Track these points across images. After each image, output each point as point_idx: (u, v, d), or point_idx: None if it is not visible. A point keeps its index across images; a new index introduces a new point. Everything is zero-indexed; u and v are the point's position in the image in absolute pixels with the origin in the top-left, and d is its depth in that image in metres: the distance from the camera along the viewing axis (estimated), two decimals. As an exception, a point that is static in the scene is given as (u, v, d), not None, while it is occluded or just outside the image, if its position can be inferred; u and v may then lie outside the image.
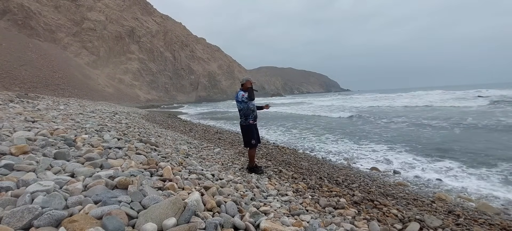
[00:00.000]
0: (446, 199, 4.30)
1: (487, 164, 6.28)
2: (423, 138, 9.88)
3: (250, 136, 4.65)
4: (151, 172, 2.85)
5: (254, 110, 4.70)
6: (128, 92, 62.41)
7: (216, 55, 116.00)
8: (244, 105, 4.60)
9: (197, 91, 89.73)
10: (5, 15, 52.85)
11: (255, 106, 4.75)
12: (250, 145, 4.69)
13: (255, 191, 3.47)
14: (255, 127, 4.73)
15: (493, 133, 10.13)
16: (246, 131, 4.70)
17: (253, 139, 4.64)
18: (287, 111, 26.34)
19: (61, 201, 1.69)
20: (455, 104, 22.91)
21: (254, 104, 4.71)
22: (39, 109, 8.04)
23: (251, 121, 4.66)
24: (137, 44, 78.49)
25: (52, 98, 18.21)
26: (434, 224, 3.10)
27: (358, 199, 3.81)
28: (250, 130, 4.67)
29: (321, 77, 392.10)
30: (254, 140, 4.65)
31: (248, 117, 4.65)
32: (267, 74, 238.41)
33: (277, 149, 8.20)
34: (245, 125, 4.69)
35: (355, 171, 6.03)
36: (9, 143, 2.81)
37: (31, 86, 33.16)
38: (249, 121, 4.66)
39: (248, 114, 4.64)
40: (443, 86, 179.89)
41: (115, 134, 5.00)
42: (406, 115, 17.09)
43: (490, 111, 16.97)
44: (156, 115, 21.00)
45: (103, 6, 75.50)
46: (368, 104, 29.47)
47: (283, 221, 2.42)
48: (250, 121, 4.66)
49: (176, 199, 1.83)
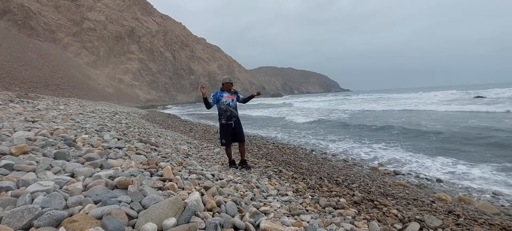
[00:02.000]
0: (446, 199, 4.30)
1: (487, 163, 6.28)
2: (422, 138, 9.88)
3: (221, 135, 4.82)
4: (151, 172, 2.85)
5: (227, 111, 4.70)
6: (128, 92, 62.43)
7: (216, 55, 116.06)
8: (217, 104, 4.74)
9: (197, 91, 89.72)
10: (5, 15, 52.88)
11: (229, 107, 4.72)
12: (221, 143, 4.85)
13: (255, 191, 3.47)
14: (229, 126, 4.76)
15: (493, 133, 10.12)
16: (220, 129, 4.88)
17: (223, 139, 4.78)
18: (254, 114, 24.81)
19: (61, 201, 1.69)
20: (456, 104, 22.76)
21: (228, 105, 4.70)
22: (39, 109, 8.04)
23: (223, 121, 4.75)
24: (137, 44, 78.53)
25: (52, 98, 18.21)
26: (434, 224, 3.10)
27: (358, 199, 3.81)
28: (222, 129, 4.82)
29: (321, 77, 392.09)
30: (224, 139, 4.77)
31: (221, 116, 4.76)
32: (267, 74, 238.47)
33: (277, 149, 8.21)
34: (219, 124, 4.86)
35: (355, 171, 6.03)
36: (9, 143, 2.81)
37: (31, 86, 33.17)
38: (222, 120, 4.77)
39: (220, 114, 4.76)
40: (443, 87, 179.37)
41: (115, 134, 5.00)
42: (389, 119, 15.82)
43: (492, 112, 16.97)
44: (156, 115, 21.01)
45: (103, 6, 75.54)
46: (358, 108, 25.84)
47: (283, 221, 2.42)
48: (223, 120, 4.75)
49: (176, 199, 1.83)
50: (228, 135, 4.76)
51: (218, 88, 4.90)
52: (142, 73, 74.06)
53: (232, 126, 4.76)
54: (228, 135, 4.76)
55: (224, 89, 4.76)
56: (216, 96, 4.71)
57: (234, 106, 4.77)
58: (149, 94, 69.74)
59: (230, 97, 4.74)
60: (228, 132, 4.76)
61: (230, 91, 4.78)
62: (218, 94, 4.73)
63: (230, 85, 4.78)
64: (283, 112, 26.26)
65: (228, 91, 4.76)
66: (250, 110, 30.97)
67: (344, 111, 23.53)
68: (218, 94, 4.72)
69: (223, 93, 4.72)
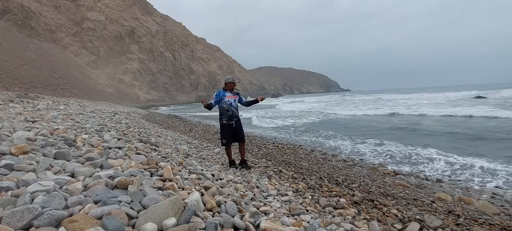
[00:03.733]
0: (446, 199, 4.30)
1: (487, 163, 6.28)
2: (422, 138, 9.88)
3: (222, 135, 4.81)
4: (151, 172, 2.85)
5: (229, 111, 4.68)
6: (128, 92, 62.40)
7: (216, 55, 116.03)
8: (219, 104, 4.70)
9: (197, 92, 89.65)
10: (5, 15, 52.85)
11: (231, 107, 4.69)
12: (222, 143, 4.83)
13: (255, 191, 3.46)
14: (230, 126, 4.73)
15: (492, 134, 10.12)
16: (221, 129, 4.86)
17: (223, 139, 4.77)
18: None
19: (61, 201, 1.69)
20: (457, 105, 22.64)
21: (230, 104, 4.68)
22: (39, 109, 8.04)
23: (225, 121, 4.72)
24: (137, 44, 78.48)
25: (52, 98, 18.21)
26: (434, 224, 3.10)
27: (358, 199, 3.81)
28: (223, 129, 4.80)
29: (321, 77, 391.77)
30: (225, 139, 4.75)
31: (222, 116, 4.74)
32: (267, 74, 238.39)
33: (277, 149, 8.21)
34: (220, 124, 4.84)
35: (355, 171, 6.03)
36: (9, 143, 2.81)
37: (31, 86, 33.17)
38: (223, 120, 4.73)
39: (222, 113, 4.74)
40: (444, 87, 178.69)
41: (115, 134, 5.00)
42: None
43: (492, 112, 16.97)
44: (156, 115, 21.00)
45: (103, 6, 75.49)
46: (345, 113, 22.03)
47: (283, 221, 2.42)
48: (224, 120, 4.73)
49: (176, 199, 1.83)
50: (229, 135, 4.74)
51: (220, 88, 4.88)
52: (142, 73, 74.02)
53: (233, 126, 4.74)
54: (228, 135, 4.74)
55: (226, 89, 4.75)
56: (218, 96, 4.68)
57: (235, 107, 4.77)
58: (149, 94, 69.70)
59: (233, 97, 4.74)
60: (229, 132, 4.74)
61: (232, 91, 4.78)
62: (220, 93, 4.70)
63: (233, 85, 4.77)
64: (259, 114, 24.46)
65: (230, 91, 4.75)
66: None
67: (320, 115, 21.28)
68: (220, 94, 4.70)
69: (225, 93, 4.71)
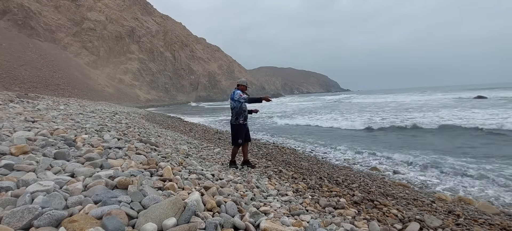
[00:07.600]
0: (446, 199, 4.30)
1: (487, 164, 6.28)
2: (421, 138, 9.87)
3: (239, 135, 4.86)
4: (151, 172, 2.85)
5: (246, 111, 4.86)
6: (128, 92, 62.37)
7: (216, 55, 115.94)
8: (238, 104, 4.75)
9: (197, 91, 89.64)
10: (5, 15, 52.85)
11: (247, 108, 4.90)
12: (236, 143, 4.89)
13: (255, 191, 3.46)
14: (245, 126, 4.90)
15: (492, 135, 10.12)
16: (236, 130, 4.89)
17: (240, 138, 4.85)
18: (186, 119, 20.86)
19: (61, 201, 1.69)
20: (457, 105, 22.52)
21: (246, 106, 4.88)
22: (39, 110, 8.04)
23: (241, 121, 4.81)
24: (137, 44, 78.46)
25: (52, 98, 18.21)
26: (434, 224, 3.10)
27: (358, 199, 3.81)
28: (239, 129, 4.85)
29: (321, 77, 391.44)
30: (241, 139, 4.86)
31: (239, 116, 4.81)
32: (267, 74, 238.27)
33: (277, 149, 8.21)
34: (235, 124, 4.87)
35: (355, 171, 6.03)
36: (9, 143, 2.81)
37: (31, 86, 33.15)
38: (240, 120, 4.81)
39: (239, 113, 4.80)
40: (444, 87, 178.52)
41: (115, 134, 5.00)
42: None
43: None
44: (156, 115, 20.99)
45: (103, 6, 75.47)
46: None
47: (283, 221, 2.42)
48: (241, 120, 4.81)
49: (176, 199, 1.83)
50: (244, 134, 4.90)
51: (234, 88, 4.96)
52: (142, 73, 73.98)
53: (246, 125, 4.94)
54: (243, 134, 4.89)
55: (241, 90, 4.87)
56: (244, 97, 4.78)
57: (247, 108, 4.97)
58: (149, 94, 69.67)
59: None
60: (244, 131, 4.90)
61: (244, 93, 4.90)
62: (244, 94, 4.80)
63: (245, 88, 4.91)
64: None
65: (244, 93, 4.89)
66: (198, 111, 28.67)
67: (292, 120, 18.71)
68: (244, 96, 4.79)
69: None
